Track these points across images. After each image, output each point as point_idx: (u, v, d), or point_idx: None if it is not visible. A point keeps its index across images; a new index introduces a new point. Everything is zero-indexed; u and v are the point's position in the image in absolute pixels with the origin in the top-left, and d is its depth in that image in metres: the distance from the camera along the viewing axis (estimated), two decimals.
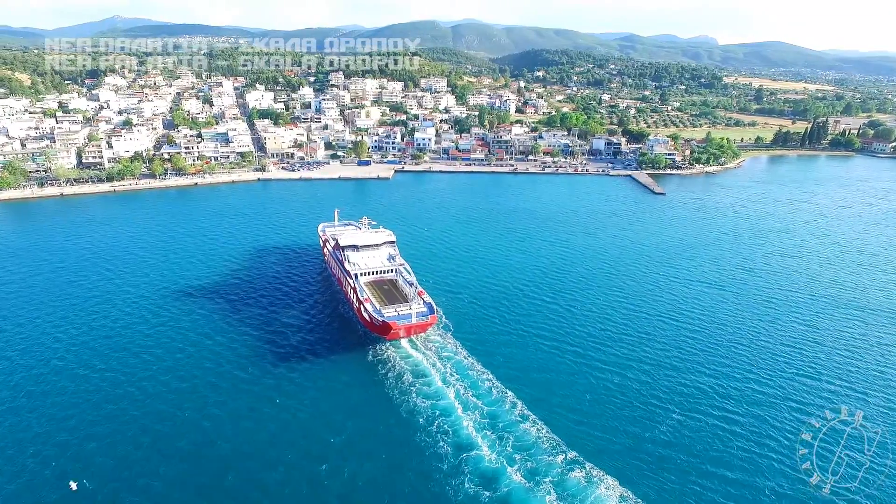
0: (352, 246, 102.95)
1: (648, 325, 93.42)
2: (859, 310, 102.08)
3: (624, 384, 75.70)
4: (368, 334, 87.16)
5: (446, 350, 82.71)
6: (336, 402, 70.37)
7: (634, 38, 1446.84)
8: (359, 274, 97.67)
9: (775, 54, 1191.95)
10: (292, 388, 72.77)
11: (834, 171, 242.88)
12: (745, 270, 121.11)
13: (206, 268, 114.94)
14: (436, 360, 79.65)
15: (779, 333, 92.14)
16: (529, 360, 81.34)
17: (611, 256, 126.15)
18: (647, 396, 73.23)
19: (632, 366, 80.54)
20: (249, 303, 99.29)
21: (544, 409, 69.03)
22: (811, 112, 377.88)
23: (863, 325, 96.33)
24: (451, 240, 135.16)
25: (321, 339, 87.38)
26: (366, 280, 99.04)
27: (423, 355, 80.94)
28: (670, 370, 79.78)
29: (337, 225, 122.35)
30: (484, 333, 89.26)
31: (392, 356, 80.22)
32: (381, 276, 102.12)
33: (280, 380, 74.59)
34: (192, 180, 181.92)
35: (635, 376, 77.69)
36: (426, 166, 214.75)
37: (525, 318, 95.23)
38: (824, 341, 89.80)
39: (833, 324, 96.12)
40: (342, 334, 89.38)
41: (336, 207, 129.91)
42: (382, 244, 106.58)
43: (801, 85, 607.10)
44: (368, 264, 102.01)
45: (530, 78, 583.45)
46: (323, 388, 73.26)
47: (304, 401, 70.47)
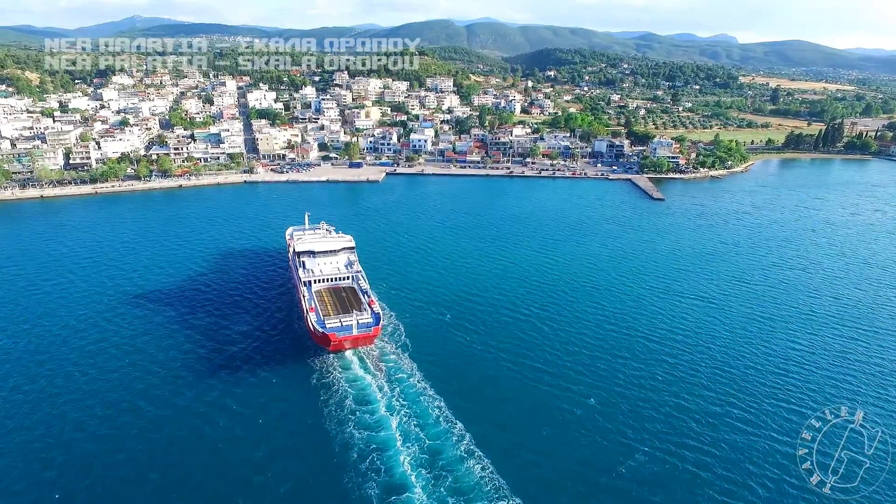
0: (308, 252, 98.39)
1: (627, 345, 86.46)
2: (861, 329, 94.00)
3: (589, 416, 68.95)
4: (316, 346, 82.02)
5: (400, 371, 76.83)
6: (264, 434, 64.36)
7: (652, 37, 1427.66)
8: (312, 281, 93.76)
9: (796, 53, 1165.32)
10: (222, 419, 66.88)
11: (847, 176, 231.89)
12: (740, 284, 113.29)
13: (168, 274, 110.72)
14: (385, 383, 73.81)
15: (769, 355, 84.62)
16: (489, 384, 75.09)
17: (598, 267, 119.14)
18: (614, 431, 66.51)
19: (601, 392, 73.84)
20: (203, 310, 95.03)
21: (493, 443, 62.69)
22: (828, 113, 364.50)
23: (864, 347, 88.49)
24: (430, 247, 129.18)
25: (268, 353, 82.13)
26: (321, 287, 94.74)
27: (372, 377, 75.18)
28: (645, 397, 72.95)
29: (307, 229, 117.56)
30: (446, 352, 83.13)
31: (338, 378, 74.50)
32: (338, 283, 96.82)
33: (211, 407, 68.93)
34: (176, 182, 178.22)
35: (604, 405, 70.86)
36: (419, 169, 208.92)
37: (496, 334, 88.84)
38: (819, 363, 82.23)
39: (828, 346, 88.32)
40: (291, 348, 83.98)
41: (308, 211, 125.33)
42: (341, 250, 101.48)
43: (820, 85, 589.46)
44: (325, 271, 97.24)
45: (541, 77, 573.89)
46: (253, 417, 67.46)
47: (233, 431, 64.87)
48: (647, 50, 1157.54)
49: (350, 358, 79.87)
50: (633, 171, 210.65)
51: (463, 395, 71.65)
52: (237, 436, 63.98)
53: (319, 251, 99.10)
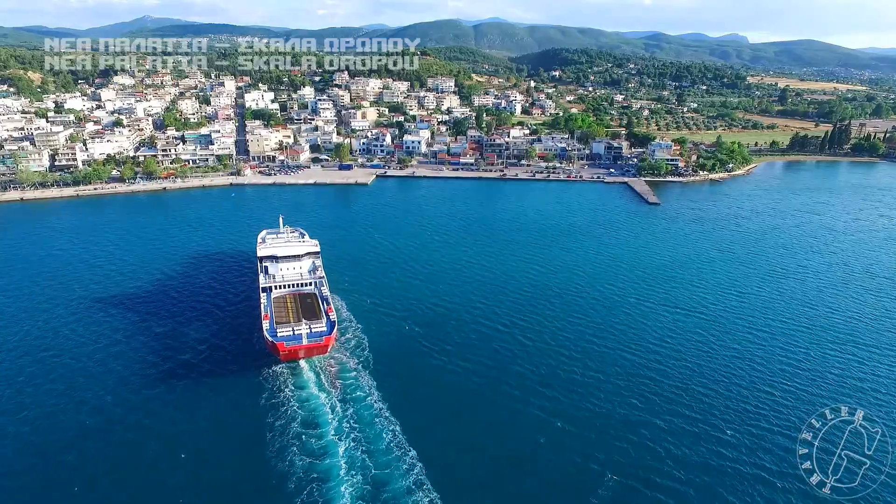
0: (271, 257, 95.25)
1: (605, 362, 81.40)
2: (857, 347, 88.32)
3: (557, 443, 64.12)
4: (271, 356, 78.21)
5: (358, 389, 72.46)
6: (198, 463, 60.20)
7: (661, 36, 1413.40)
8: (273, 287, 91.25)
9: (807, 53, 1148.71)
10: (156, 445, 62.61)
11: (853, 179, 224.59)
12: (732, 294, 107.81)
13: (136, 279, 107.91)
14: (339, 402, 69.50)
15: (758, 374, 79.23)
16: (452, 407, 70.36)
17: (584, 276, 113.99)
18: (582, 457, 61.80)
19: (571, 413, 69.10)
20: (163, 316, 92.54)
21: (445, 477, 57.95)
22: (837, 114, 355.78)
23: (857, 363, 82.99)
24: (411, 254, 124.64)
25: (219, 363, 78.97)
26: (283, 293, 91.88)
27: (326, 395, 70.87)
28: (619, 418, 68.12)
29: (280, 233, 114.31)
30: (411, 370, 78.56)
31: (289, 396, 70.17)
32: (300, 289, 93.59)
33: (148, 432, 64.80)
34: (161, 185, 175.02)
35: (572, 436, 65.84)
36: (410, 171, 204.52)
37: (469, 350, 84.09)
38: (806, 378, 76.84)
39: (819, 359, 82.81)
40: (246, 358, 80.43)
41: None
42: (305, 255, 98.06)
43: (831, 85, 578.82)
44: (287, 276, 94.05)
45: (546, 77, 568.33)
46: (186, 439, 63.32)
47: (160, 456, 60.77)
48: (655, 50, 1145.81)
49: (306, 374, 75.74)
50: (631, 173, 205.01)
51: (422, 419, 67.12)
52: (165, 463, 59.93)
53: (282, 256, 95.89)
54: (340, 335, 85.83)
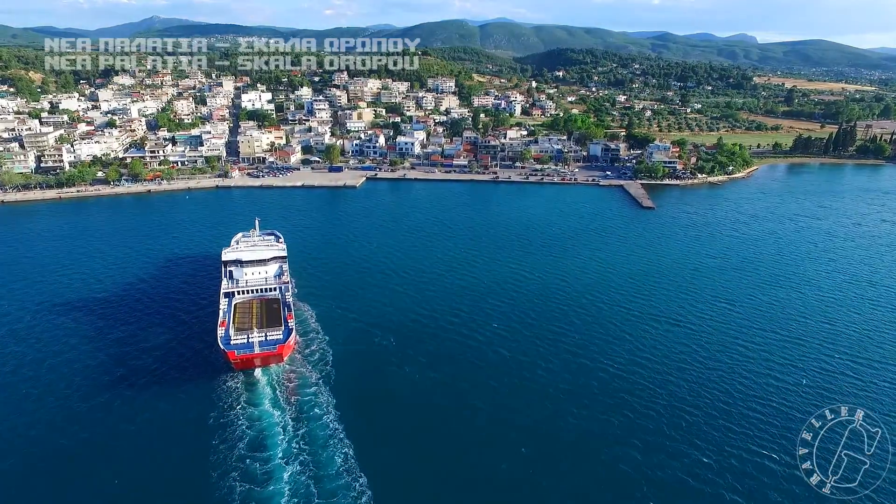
0: (235, 261, 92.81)
1: (584, 375, 77.39)
2: (854, 361, 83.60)
3: (518, 471, 60.23)
4: (226, 365, 75.14)
5: (315, 407, 68.69)
6: (131, 487, 56.70)
7: (668, 36, 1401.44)
8: (236, 292, 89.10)
9: (817, 53, 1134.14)
10: (90, 461, 59.49)
11: (858, 182, 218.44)
12: (723, 305, 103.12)
13: (105, 283, 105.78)
14: (292, 420, 65.82)
15: (749, 389, 74.72)
16: (413, 427, 66.47)
17: (569, 284, 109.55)
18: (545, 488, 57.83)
19: (541, 434, 65.10)
20: (126, 321, 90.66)
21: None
22: (844, 114, 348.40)
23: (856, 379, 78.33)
24: (391, 260, 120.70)
25: (173, 371, 76.60)
26: (246, 299, 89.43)
27: (280, 412, 67.18)
28: (598, 434, 64.04)
29: (255, 236, 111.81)
30: (376, 384, 74.88)
31: (238, 414, 66.49)
32: (264, 294, 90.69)
33: (85, 446, 61.45)
34: (145, 187, 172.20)
35: (543, 461, 61.95)
36: (402, 173, 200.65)
37: (440, 362, 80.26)
38: (797, 395, 72.31)
39: (810, 376, 78.22)
40: (202, 366, 77.69)
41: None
42: (271, 259, 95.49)
43: (839, 85, 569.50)
44: (251, 281, 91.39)
45: (549, 77, 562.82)
46: (130, 460, 59.99)
47: (100, 477, 57.47)
48: (662, 50, 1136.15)
49: (263, 388, 72.17)
50: (627, 176, 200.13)
51: (379, 440, 63.49)
52: (95, 483, 56.63)
53: (247, 261, 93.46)
54: (305, 347, 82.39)
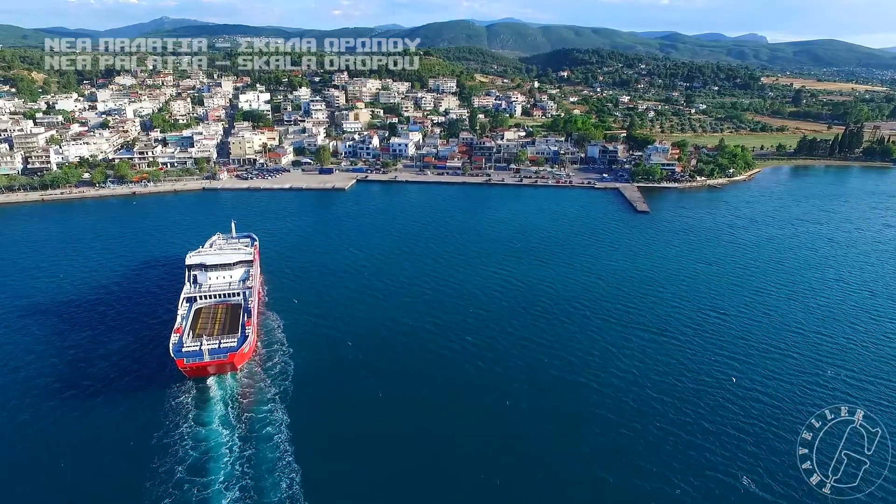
0: (199, 265, 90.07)
1: (556, 399, 73.08)
2: (852, 378, 78.78)
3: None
4: (180, 373, 72.38)
5: (267, 426, 64.95)
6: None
7: (677, 36, 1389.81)
8: (198, 296, 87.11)
9: (827, 53, 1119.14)
10: (18, 478, 56.24)
11: (863, 185, 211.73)
12: (714, 315, 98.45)
13: (73, 286, 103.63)
14: (240, 441, 62.13)
15: (738, 412, 70.07)
16: (370, 450, 62.24)
17: (552, 294, 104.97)
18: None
19: (513, 462, 61.02)
20: (88, 326, 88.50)
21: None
22: (852, 115, 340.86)
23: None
24: (371, 266, 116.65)
25: (129, 380, 73.88)
26: (209, 304, 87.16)
27: (228, 431, 63.51)
28: (566, 472, 59.89)
29: (231, 238, 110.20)
30: (337, 401, 70.95)
31: (184, 433, 62.75)
32: (227, 300, 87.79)
33: (21, 457, 58.13)
34: (130, 189, 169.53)
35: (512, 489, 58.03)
36: (393, 175, 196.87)
37: (408, 380, 76.08)
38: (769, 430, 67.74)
39: (799, 396, 73.50)
40: (156, 374, 74.73)
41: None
42: (236, 264, 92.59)
43: (849, 85, 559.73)
44: (214, 286, 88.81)
45: (553, 78, 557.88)
46: (60, 481, 56.60)
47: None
48: (670, 50, 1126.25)
49: (215, 403, 68.57)
50: (624, 179, 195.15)
51: (332, 466, 59.61)
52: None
53: (211, 265, 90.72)
54: (267, 358, 78.91)
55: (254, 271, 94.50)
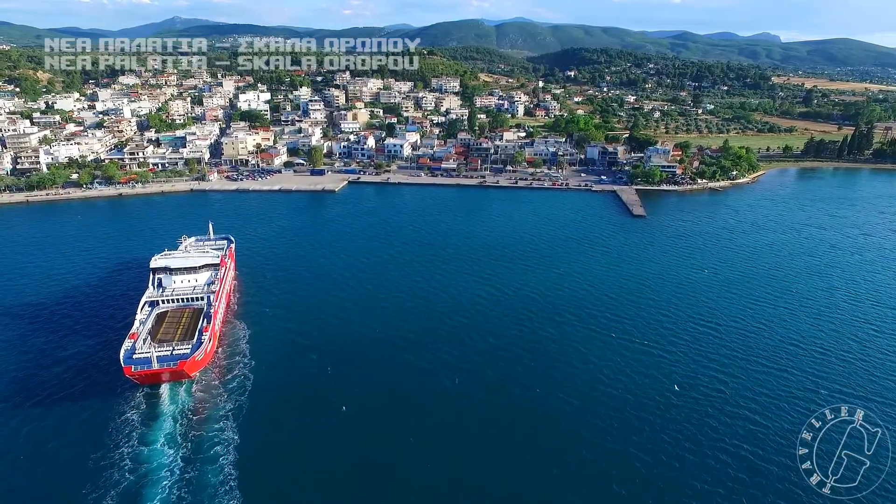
0: (164, 269, 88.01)
1: (526, 415, 69.09)
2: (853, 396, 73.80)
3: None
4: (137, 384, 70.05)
5: (217, 445, 61.38)
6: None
7: (688, 36, 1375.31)
8: (160, 300, 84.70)
9: (842, 52, 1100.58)
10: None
11: (872, 189, 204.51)
12: (705, 327, 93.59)
13: (41, 289, 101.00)
14: (181, 462, 58.59)
15: (721, 435, 65.66)
16: (317, 481, 58.11)
17: (535, 303, 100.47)
18: None
19: (477, 486, 57.03)
20: (49, 329, 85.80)
21: None
22: (864, 116, 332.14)
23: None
24: (352, 273, 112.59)
25: (82, 387, 71.10)
26: (171, 308, 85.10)
27: (173, 451, 59.99)
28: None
29: (206, 240, 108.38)
30: (292, 421, 66.69)
31: (127, 452, 59.21)
32: (189, 304, 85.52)
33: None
34: (117, 191, 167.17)
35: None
36: (386, 177, 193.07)
37: (373, 396, 72.02)
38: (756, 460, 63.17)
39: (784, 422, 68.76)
40: (111, 381, 71.42)
41: (212, 221, 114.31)
42: (202, 267, 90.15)
43: (862, 85, 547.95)
44: (177, 290, 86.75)
45: (560, 77, 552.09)
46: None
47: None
48: (681, 49, 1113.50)
49: (164, 419, 65.09)
50: (622, 181, 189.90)
51: (274, 498, 55.70)
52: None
53: (176, 268, 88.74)
54: (227, 371, 75.40)
55: (221, 275, 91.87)
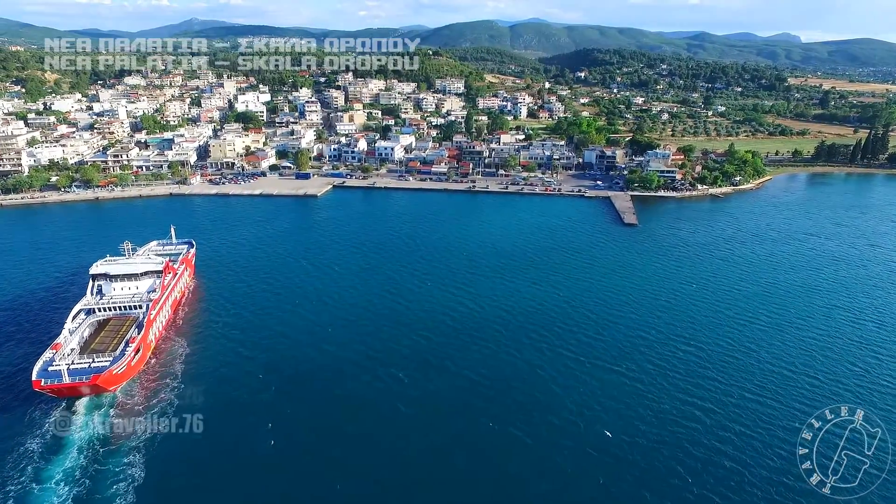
0: (103, 275, 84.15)
1: (475, 438, 62.54)
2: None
3: None
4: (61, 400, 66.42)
5: (119, 483, 55.78)
6: None
7: (705, 36, 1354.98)
8: (97, 308, 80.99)
9: (864, 52, 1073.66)
10: None
11: (886, 196, 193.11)
12: (686, 347, 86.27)
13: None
14: (85, 491, 53.35)
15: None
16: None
17: (509, 319, 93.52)
18: None
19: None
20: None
21: None
22: (882, 118, 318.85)
23: None
24: (318, 284, 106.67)
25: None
26: (108, 316, 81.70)
27: (69, 487, 54.46)
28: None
29: (167, 245, 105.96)
30: (214, 460, 60.48)
31: (12, 492, 53.82)
32: (127, 312, 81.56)
33: None
34: (95, 194, 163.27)
35: None
36: (372, 181, 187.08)
37: (316, 427, 65.89)
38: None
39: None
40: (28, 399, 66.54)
41: (173, 224, 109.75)
42: (143, 274, 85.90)
43: (884, 86, 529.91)
44: (115, 298, 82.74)
45: (570, 78, 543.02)
46: None
47: None
48: (698, 50, 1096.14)
49: (68, 451, 59.38)
50: (619, 186, 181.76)
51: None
52: None
53: (115, 274, 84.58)
54: (153, 394, 69.67)
55: (167, 282, 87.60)
